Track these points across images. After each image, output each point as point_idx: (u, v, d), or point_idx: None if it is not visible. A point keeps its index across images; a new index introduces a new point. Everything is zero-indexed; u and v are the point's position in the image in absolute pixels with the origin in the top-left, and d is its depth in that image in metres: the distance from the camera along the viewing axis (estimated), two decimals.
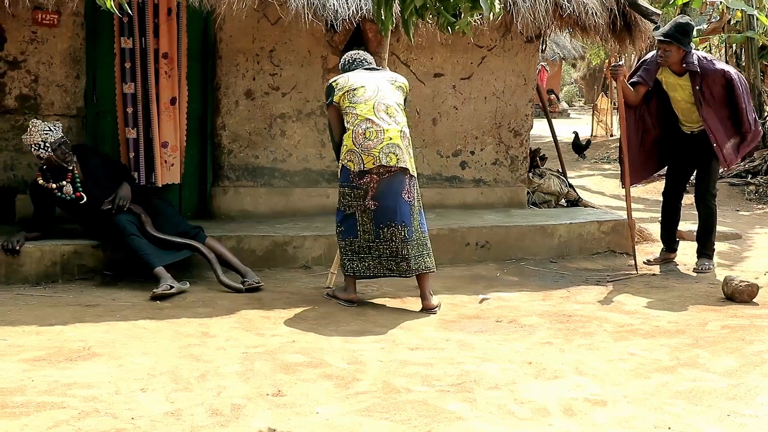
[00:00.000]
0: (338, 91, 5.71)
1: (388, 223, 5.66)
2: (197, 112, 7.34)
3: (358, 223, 5.70)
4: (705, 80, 6.69)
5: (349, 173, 5.64)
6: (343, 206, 5.74)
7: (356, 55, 5.98)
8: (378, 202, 5.65)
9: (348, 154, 5.62)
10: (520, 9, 7.27)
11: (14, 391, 4.02)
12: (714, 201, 7.07)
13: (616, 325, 5.48)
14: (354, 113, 5.64)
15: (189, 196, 7.42)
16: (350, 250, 5.75)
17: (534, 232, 7.41)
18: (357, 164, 5.60)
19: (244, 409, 3.90)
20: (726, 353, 4.92)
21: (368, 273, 5.76)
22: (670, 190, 7.22)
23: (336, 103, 5.71)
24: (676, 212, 7.24)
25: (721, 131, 6.75)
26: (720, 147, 6.74)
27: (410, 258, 5.70)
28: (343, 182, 5.71)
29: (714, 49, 16.70)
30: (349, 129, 5.63)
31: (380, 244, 5.69)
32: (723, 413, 4.00)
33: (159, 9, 6.94)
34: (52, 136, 6.11)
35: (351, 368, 4.49)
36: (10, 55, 6.90)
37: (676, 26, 6.70)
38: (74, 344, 4.76)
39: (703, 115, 6.72)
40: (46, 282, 6.13)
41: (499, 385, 4.29)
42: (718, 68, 6.76)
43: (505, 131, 8.34)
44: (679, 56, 6.69)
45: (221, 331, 5.11)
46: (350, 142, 5.61)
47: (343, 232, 5.76)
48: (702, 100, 6.70)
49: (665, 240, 7.29)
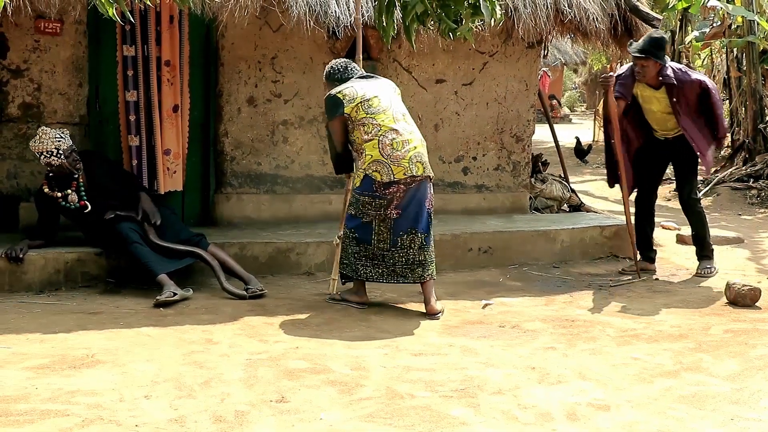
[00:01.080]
0: (349, 103, 5.66)
1: (408, 230, 5.72)
2: (199, 120, 7.36)
3: (374, 231, 5.73)
4: (682, 91, 6.71)
5: (373, 183, 5.63)
6: (360, 213, 5.73)
7: (346, 64, 5.92)
8: (401, 211, 5.70)
9: (374, 164, 5.62)
10: (522, 15, 7.29)
11: (18, 399, 4.03)
12: (699, 204, 7.13)
13: (619, 330, 5.48)
14: (375, 123, 5.65)
15: (192, 204, 7.43)
16: (363, 255, 5.77)
17: (536, 238, 7.42)
18: (386, 175, 5.61)
19: (247, 415, 3.90)
20: (729, 357, 4.92)
21: (381, 279, 5.81)
22: (643, 194, 7.16)
23: (347, 114, 5.66)
24: (650, 219, 7.18)
25: (702, 139, 6.80)
26: (703, 155, 6.80)
27: (426, 264, 5.78)
28: (364, 191, 5.68)
29: (715, 54, 16.70)
30: (373, 139, 5.63)
31: (395, 252, 5.73)
32: (726, 417, 4.00)
33: (161, 17, 6.97)
34: (64, 143, 6.11)
35: (354, 374, 4.49)
36: (13, 63, 6.91)
37: (651, 41, 6.70)
38: (78, 352, 4.77)
39: (683, 125, 6.76)
40: (50, 290, 6.14)
41: (502, 391, 4.29)
42: (695, 79, 6.80)
43: (507, 137, 8.34)
44: (656, 70, 6.70)
45: (225, 338, 5.12)
46: (376, 152, 5.62)
47: (357, 238, 5.76)
48: (680, 110, 6.73)
49: (640, 248, 7.18)
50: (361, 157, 5.69)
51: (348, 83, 5.80)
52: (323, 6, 6.79)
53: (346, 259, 5.84)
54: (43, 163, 6.16)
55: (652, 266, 7.17)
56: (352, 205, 5.79)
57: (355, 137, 5.72)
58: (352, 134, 5.75)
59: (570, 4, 7.47)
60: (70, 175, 6.19)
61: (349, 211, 5.83)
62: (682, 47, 15.04)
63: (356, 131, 5.69)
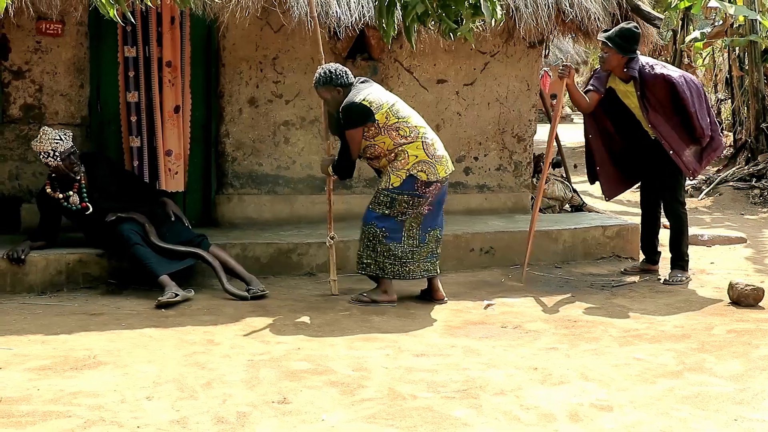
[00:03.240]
0: (377, 109, 5.76)
1: (434, 225, 6.04)
2: (201, 120, 7.36)
3: (405, 228, 5.91)
4: (647, 86, 6.48)
5: (415, 183, 5.81)
6: (395, 213, 5.87)
7: (345, 68, 5.94)
8: (432, 208, 5.98)
9: (420, 164, 5.82)
10: (523, 14, 7.28)
11: (20, 401, 4.03)
12: (683, 209, 6.86)
13: (622, 330, 5.47)
14: (411, 126, 5.86)
15: (193, 204, 7.42)
16: (393, 255, 5.89)
17: (538, 238, 7.39)
18: (432, 174, 5.83)
19: (249, 416, 3.90)
20: (732, 357, 4.91)
21: (408, 277, 5.97)
22: (644, 199, 7.04)
23: (376, 121, 5.76)
24: (654, 222, 7.04)
25: (675, 138, 6.52)
26: (678, 154, 6.53)
27: (439, 256, 6.16)
28: (404, 191, 5.82)
29: (717, 53, 16.69)
30: (415, 141, 5.83)
31: (423, 248, 5.98)
32: (730, 418, 3.98)
33: (162, 18, 6.96)
34: (62, 146, 6.10)
35: (356, 375, 4.49)
36: (15, 64, 6.92)
37: (619, 31, 6.50)
38: (79, 353, 4.77)
39: (652, 122, 6.53)
40: (52, 291, 6.14)
41: (504, 391, 4.28)
42: (658, 73, 6.48)
43: (509, 137, 8.34)
44: (618, 61, 6.49)
45: (226, 339, 5.12)
46: (422, 153, 5.84)
47: (387, 237, 5.88)
48: (648, 106, 6.51)
49: (644, 251, 7.14)
50: (398, 160, 5.83)
51: (363, 89, 5.84)
52: (324, 6, 6.79)
53: (371, 258, 5.91)
54: (42, 162, 6.18)
55: (655, 268, 7.08)
56: (384, 205, 5.89)
57: (381, 142, 5.81)
58: (371, 140, 5.83)
59: (571, 4, 7.46)
60: (69, 176, 6.19)
61: (380, 210, 5.90)
62: (683, 46, 15.01)
63: (383, 136, 5.80)
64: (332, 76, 5.85)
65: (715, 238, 8.63)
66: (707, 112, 6.63)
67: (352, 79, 5.90)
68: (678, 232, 6.85)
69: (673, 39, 15.65)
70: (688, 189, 11.84)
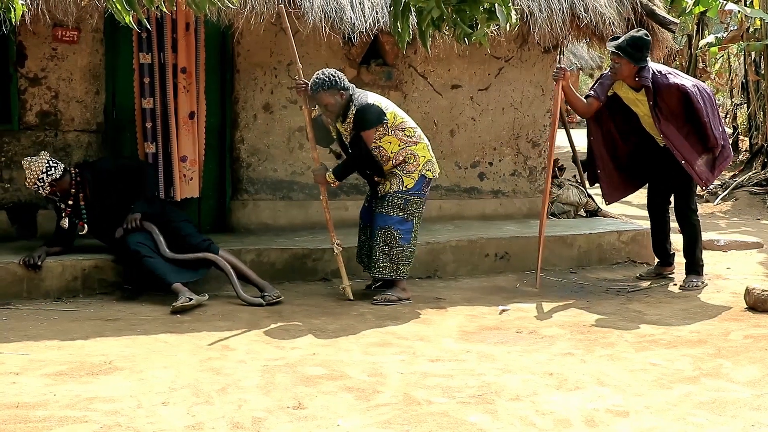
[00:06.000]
0: (386, 110, 6.04)
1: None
2: (216, 126, 7.38)
3: (414, 230, 6.19)
4: (660, 95, 6.41)
5: (423, 182, 6.14)
6: (411, 215, 6.12)
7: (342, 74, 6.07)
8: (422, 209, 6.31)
9: (428, 164, 6.16)
10: (537, 19, 7.26)
11: (37, 406, 4.05)
12: (696, 216, 6.83)
13: (637, 336, 5.44)
14: (412, 127, 6.13)
15: (208, 210, 7.44)
16: (405, 255, 6.15)
17: (553, 243, 7.38)
18: (435, 173, 6.24)
19: (265, 422, 3.90)
20: (749, 363, 4.88)
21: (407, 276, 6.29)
22: (651, 204, 6.99)
23: (386, 120, 5.98)
24: (664, 225, 6.98)
25: (687, 147, 6.47)
26: (690, 164, 6.47)
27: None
28: (416, 192, 6.11)
29: (733, 58, 16.62)
30: (420, 142, 6.13)
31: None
32: (747, 423, 3.96)
33: (177, 24, 6.99)
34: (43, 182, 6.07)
35: (371, 380, 4.48)
36: (31, 71, 6.96)
37: (629, 39, 6.42)
38: (96, 358, 4.79)
39: (663, 131, 6.47)
40: (68, 296, 6.17)
41: (520, 397, 4.27)
42: (672, 82, 6.39)
43: (523, 142, 8.32)
44: (630, 70, 6.43)
45: (241, 345, 5.12)
46: (428, 153, 6.17)
47: (402, 238, 6.14)
48: (660, 115, 6.44)
49: (657, 254, 7.12)
50: (409, 163, 6.06)
51: (362, 92, 6.12)
52: (338, 12, 6.79)
53: (387, 261, 6.13)
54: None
55: (671, 269, 7.06)
56: (399, 208, 6.07)
57: (387, 143, 6.02)
58: (378, 141, 6.01)
59: (586, 9, 7.44)
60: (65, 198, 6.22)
61: (395, 213, 6.08)
62: (698, 51, 14.95)
63: (390, 137, 6.02)
64: (335, 80, 5.97)
65: (731, 243, 8.57)
66: (719, 121, 6.63)
67: (348, 83, 6.09)
68: (692, 239, 6.82)
69: (688, 44, 15.60)
70: (704, 194, 11.77)
